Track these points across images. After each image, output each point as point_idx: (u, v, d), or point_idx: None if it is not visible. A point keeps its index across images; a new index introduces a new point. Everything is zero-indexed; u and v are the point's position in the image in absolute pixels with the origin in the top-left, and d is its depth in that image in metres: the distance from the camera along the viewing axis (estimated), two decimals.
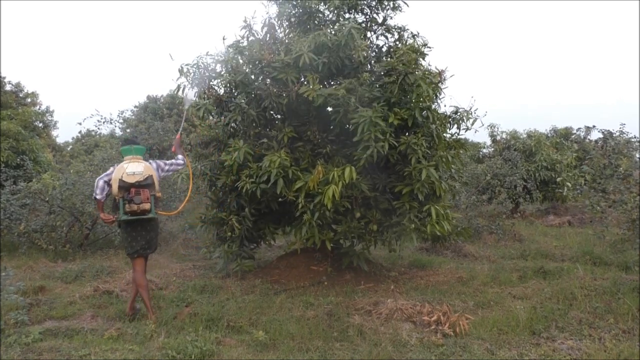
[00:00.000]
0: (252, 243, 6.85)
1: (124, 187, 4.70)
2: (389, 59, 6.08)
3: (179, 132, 5.65)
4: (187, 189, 8.13)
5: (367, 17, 6.74)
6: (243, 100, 6.04)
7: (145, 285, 4.92)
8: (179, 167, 5.38)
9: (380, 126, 5.32)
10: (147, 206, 4.73)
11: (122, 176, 4.70)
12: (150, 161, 5.08)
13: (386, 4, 6.66)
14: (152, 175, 4.84)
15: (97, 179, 4.86)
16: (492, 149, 14.52)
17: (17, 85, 15.26)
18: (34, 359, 3.84)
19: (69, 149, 23.98)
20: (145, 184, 4.77)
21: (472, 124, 6.36)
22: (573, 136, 17.50)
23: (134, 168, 4.77)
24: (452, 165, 6.27)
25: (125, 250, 5.11)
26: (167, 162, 5.29)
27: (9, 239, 8.59)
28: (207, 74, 6.30)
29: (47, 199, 8.56)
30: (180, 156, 5.38)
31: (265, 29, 6.57)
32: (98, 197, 4.81)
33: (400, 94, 5.63)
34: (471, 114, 6.32)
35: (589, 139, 16.90)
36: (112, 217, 4.93)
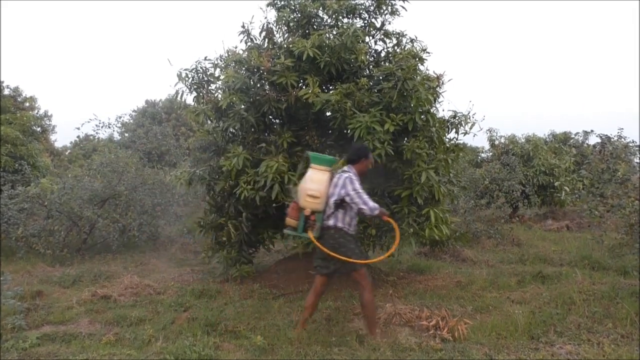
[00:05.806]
0: (251, 248, 6.84)
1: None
2: (387, 64, 6.10)
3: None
4: (185, 193, 8.16)
5: (366, 21, 6.76)
6: (243, 106, 6.04)
7: (309, 305, 4.45)
8: (359, 207, 4.20)
9: (377, 133, 5.33)
10: (289, 221, 4.33)
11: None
12: (342, 174, 4.35)
13: (384, 8, 6.67)
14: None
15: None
16: (491, 154, 14.54)
17: (16, 89, 15.26)
18: None
19: (67, 153, 23.88)
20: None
21: (471, 128, 6.38)
22: (571, 141, 17.55)
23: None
24: (451, 169, 6.28)
25: None
26: (357, 194, 4.20)
27: (6, 243, 8.56)
28: (205, 78, 6.32)
29: (45, 203, 8.54)
30: (375, 207, 4.21)
31: (264, 34, 6.60)
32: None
33: (400, 99, 5.64)
34: (469, 118, 6.34)
35: (587, 144, 16.97)
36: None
